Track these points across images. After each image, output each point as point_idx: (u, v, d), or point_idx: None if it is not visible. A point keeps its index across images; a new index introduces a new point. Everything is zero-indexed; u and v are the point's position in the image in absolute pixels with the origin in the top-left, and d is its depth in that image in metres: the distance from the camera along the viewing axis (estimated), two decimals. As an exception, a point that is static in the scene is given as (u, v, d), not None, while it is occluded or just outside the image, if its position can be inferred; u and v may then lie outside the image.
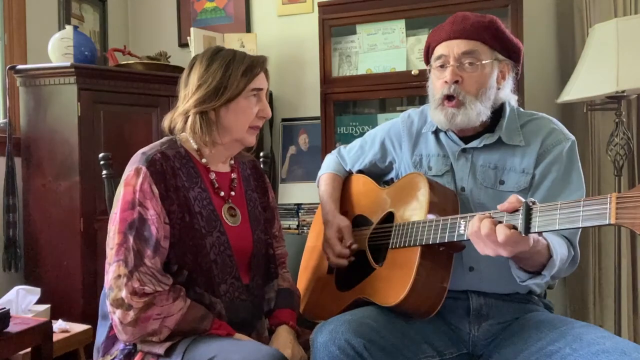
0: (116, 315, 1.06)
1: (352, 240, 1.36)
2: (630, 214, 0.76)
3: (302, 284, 1.49)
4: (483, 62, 1.21)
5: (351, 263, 1.36)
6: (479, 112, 1.21)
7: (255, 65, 1.21)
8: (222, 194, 1.24)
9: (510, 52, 1.25)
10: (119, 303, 1.06)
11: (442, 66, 1.25)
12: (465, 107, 1.21)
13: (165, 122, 1.24)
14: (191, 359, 1.04)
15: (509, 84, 1.28)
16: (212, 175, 1.24)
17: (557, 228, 0.87)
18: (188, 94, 1.20)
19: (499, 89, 1.25)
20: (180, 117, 1.21)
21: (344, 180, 1.53)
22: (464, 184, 1.26)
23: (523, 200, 0.94)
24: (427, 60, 1.34)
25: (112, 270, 1.08)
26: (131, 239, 1.08)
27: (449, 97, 1.22)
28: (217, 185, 1.24)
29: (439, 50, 1.25)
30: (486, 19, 1.23)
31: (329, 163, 1.58)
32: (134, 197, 1.11)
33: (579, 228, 0.86)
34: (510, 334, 1.16)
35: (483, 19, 1.23)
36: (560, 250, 1.06)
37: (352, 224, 1.40)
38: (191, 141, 1.23)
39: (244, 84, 1.18)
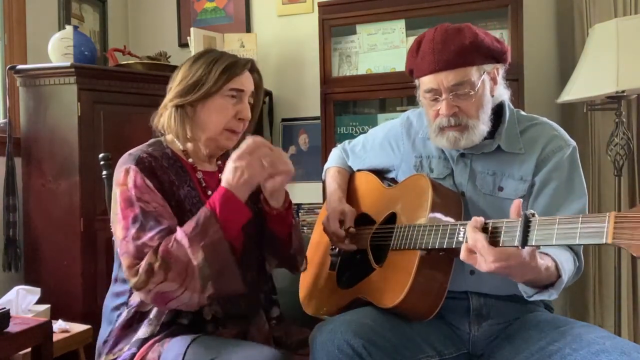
0: (153, 290, 1.02)
1: (352, 225, 1.36)
2: (627, 234, 0.75)
3: (305, 278, 1.49)
4: (477, 87, 1.17)
5: (353, 261, 1.36)
6: (482, 131, 1.20)
7: (237, 65, 1.21)
8: (210, 192, 1.23)
9: (496, 57, 1.20)
10: (145, 277, 1.02)
11: (434, 98, 1.20)
12: (469, 130, 1.18)
13: (155, 119, 1.26)
14: None
15: (501, 83, 1.25)
16: (199, 175, 1.24)
17: (553, 243, 0.85)
18: (171, 88, 1.22)
19: (492, 95, 1.23)
20: (162, 111, 1.23)
21: (349, 178, 1.53)
22: (464, 188, 1.25)
23: (522, 212, 0.91)
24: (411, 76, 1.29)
25: (123, 264, 1.07)
26: (133, 231, 1.07)
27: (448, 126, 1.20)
28: (204, 184, 1.24)
29: (427, 83, 1.19)
30: (466, 38, 1.15)
31: (335, 157, 1.59)
32: (130, 194, 1.10)
33: (575, 245, 0.84)
34: (510, 334, 1.16)
35: (463, 40, 1.14)
36: (568, 267, 1.05)
37: (356, 222, 1.40)
38: (176, 142, 1.23)
39: (223, 83, 1.19)
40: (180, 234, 1.06)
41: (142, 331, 1.12)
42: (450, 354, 1.19)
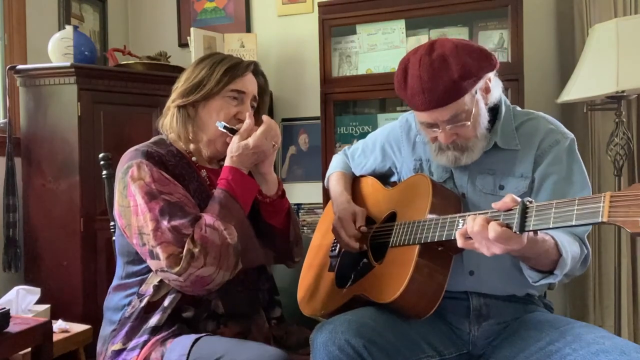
0: (194, 273, 1.03)
1: (363, 224, 1.34)
2: (622, 212, 0.76)
3: (305, 281, 1.49)
4: (472, 113, 1.14)
5: (352, 261, 1.36)
6: (481, 147, 1.20)
7: (239, 67, 1.22)
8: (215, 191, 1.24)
9: (485, 70, 1.15)
10: (186, 264, 1.03)
11: (430, 127, 1.19)
12: (468, 150, 1.19)
13: (159, 120, 1.27)
14: (198, 359, 1.03)
15: (494, 87, 1.21)
16: (204, 173, 1.25)
17: (550, 226, 0.86)
18: (176, 88, 1.24)
19: (487, 104, 1.20)
20: (165, 112, 1.24)
21: (353, 182, 1.53)
22: (464, 190, 1.25)
23: (519, 199, 0.92)
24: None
25: (161, 256, 1.05)
26: (165, 221, 1.06)
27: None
28: (208, 182, 1.24)
29: (422, 117, 1.18)
30: (454, 71, 1.10)
31: (337, 163, 1.59)
32: (151, 188, 1.09)
33: (573, 226, 0.85)
34: (510, 334, 1.16)
35: (452, 75, 1.09)
36: (570, 248, 1.04)
37: None
38: (179, 141, 1.24)
39: (224, 84, 1.19)
40: (209, 218, 1.08)
41: (154, 319, 1.12)
42: (450, 354, 1.19)
